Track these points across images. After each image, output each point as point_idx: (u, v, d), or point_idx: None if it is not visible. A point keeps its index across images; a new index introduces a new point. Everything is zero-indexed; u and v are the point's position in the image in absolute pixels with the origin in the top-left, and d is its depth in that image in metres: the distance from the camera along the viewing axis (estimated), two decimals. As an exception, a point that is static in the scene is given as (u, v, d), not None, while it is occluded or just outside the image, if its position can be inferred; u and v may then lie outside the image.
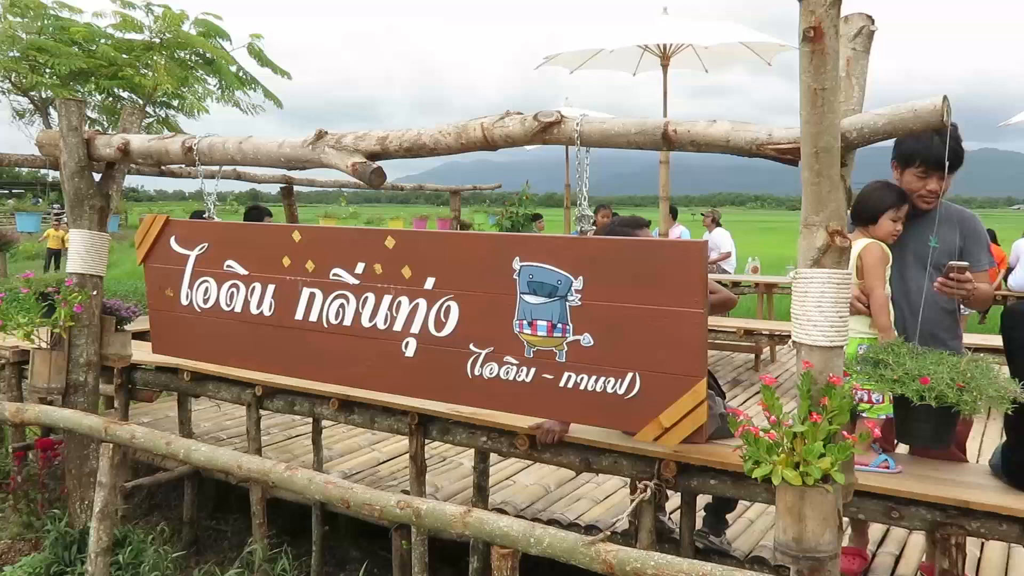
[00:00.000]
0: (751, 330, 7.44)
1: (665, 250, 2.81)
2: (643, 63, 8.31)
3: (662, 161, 7.24)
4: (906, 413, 2.64)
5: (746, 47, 7.76)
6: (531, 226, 9.61)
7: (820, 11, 2.15)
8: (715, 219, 10.90)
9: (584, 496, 4.54)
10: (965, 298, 2.94)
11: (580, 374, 2.91)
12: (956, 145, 2.91)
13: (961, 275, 2.84)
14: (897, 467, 3.02)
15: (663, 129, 2.64)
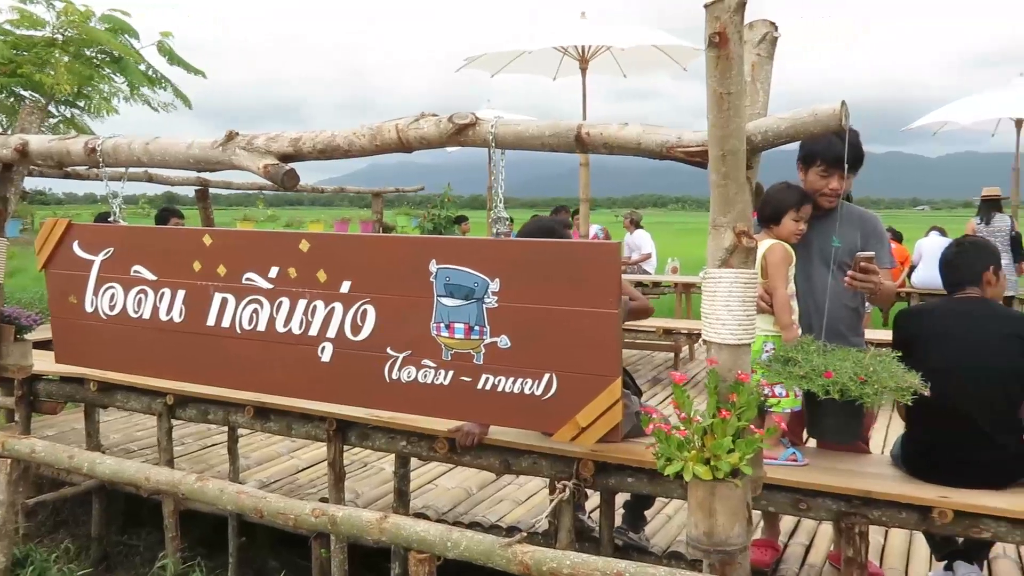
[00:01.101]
0: (670, 329, 7.59)
1: (580, 252, 2.84)
2: (563, 67, 8.40)
3: (582, 163, 7.32)
4: (815, 409, 2.73)
5: (662, 51, 7.92)
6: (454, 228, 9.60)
7: (724, 17, 2.21)
8: (635, 221, 11.09)
9: (506, 498, 4.55)
10: (872, 292, 3.05)
11: (498, 376, 2.91)
12: (855, 146, 3.04)
13: (868, 266, 2.95)
14: (804, 460, 3.12)
15: (576, 131, 2.67)
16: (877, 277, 2.98)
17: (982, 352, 2.87)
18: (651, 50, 7.96)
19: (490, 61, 8.37)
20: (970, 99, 10.26)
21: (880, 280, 3.00)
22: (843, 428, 2.70)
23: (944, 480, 2.89)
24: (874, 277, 2.97)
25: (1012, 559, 3.73)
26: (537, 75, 8.88)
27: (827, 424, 2.69)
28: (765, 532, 3.73)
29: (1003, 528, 2.76)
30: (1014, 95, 9.68)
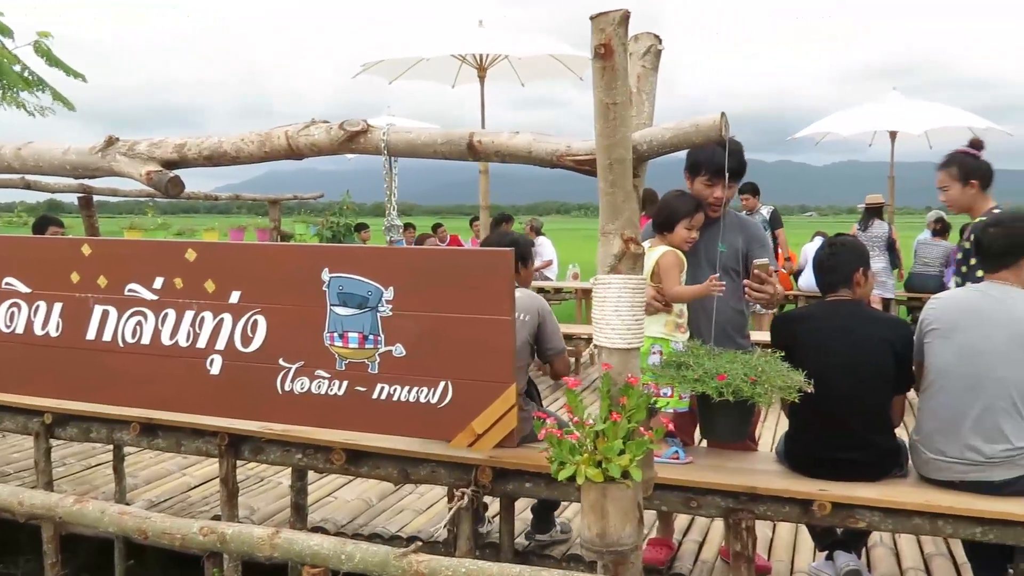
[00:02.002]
0: (570, 334, 7.68)
1: (474, 259, 2.86)
2: (461, 75, 8.42)
3: (482, 171, 7.36)
4: (708, 411, 2.82)
5: (559, 61, 8.04)
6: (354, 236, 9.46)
7: (609, 29, 2.26)
8: (536, 228, 11.21)
9: (407, 507, 4.51)
10: (767, 302, 3.17)
11: (393, 385, 2.89)
12: (738, 156, 3.16)
13: (762, 275, 3.06)
14: (687, 458, 3.23)
15: (468, 139, 2.68)
16: (772, 287, 3.11)
17: (855, 355, 3.02)
18: (548, 59, 8.07)
19: (387, 68, 8.31)
20: (849, 111, 10.83)
21: (775, 289, 3.13)
22: (736, 428, 2.80)
23: (823, 475, 3.03)
24: (768, 288, 3.10)
25: (888, 547, 3.94)
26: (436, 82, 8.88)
27: (721, 425, 2.79)
28: (660, 531, 3.83)
29: (876, 517, 2.91)
30: (888, 108, 10.27)
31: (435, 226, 13.21)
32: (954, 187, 3.68)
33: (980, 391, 2.84)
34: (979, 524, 2.81)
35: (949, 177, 3.71)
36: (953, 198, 3.71)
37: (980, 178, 3.66)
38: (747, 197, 8.88)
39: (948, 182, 3.71)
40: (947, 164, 3.74)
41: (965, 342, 2.89)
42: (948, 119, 10.26)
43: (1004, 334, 2.83)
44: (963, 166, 3.69)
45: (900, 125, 10.11)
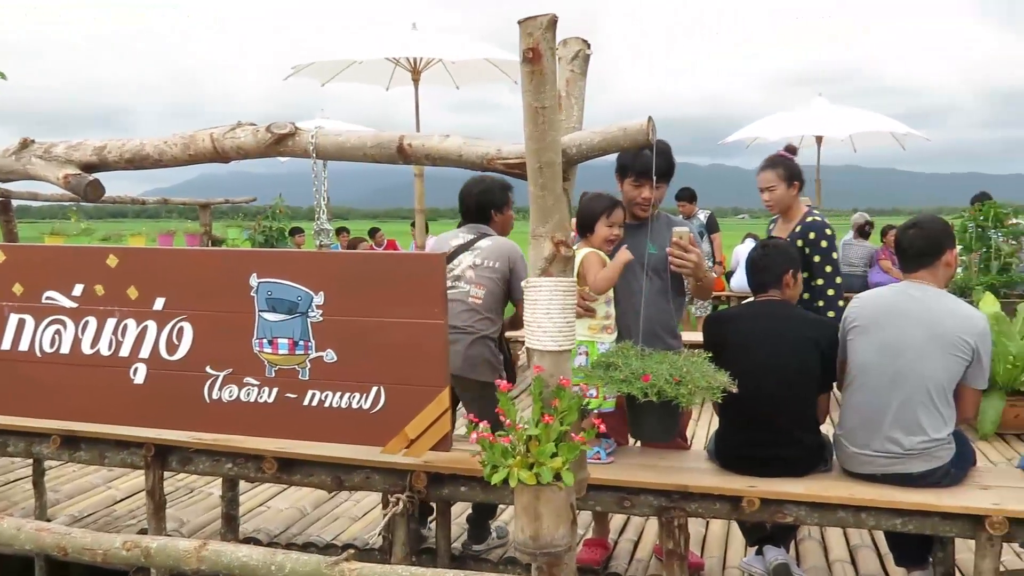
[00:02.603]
0: (509, 338, 7.68)
1: (405, 263, 2.84)
2: (395, 77, 8.36)
3: (417, 174, 7.32)
4: (635, 411, 2.85)
5: (494, 65, 8.05)
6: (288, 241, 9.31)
7: (537, 34, 2.27)
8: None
9: (343, 515, 4.46)
10: (692, 273, 3.18)
11: (324, 391, 2.86)
12: (665, 157, 3.21)
13: (683, 243, 3.09)
14: (609, 458, 3.27)
15: (398, 143, 2.66)
16: (695, 255, 3.12)
17: (782, 354, 3.10)
18: (483, 63, 8.07)
19: (319, 69, 8.20)
20: (777, 116, 11.11)
21: (700, 259, 3.15)
22: (662, 428, 2.83)
23: (752, 472, 3.10)
24: (692, 256, 3.12)
25: (816, 540, 4.04)
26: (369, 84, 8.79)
27: (647, 425, 2.82)
28: (595, 531, 3.86)
29: (803, 512, 2.99)
30: (814, 113, 10.57)
31: (372, 230, 13.10)
32: (780, 187, 3.82)
33: (899, 386, 2.94)
34: (899, 515, 2.91)
35: (776, 177, 3.84)
36: (777, 198, 3.84)
37: (801, 181, 3.86)
38: (684, 203, 9.03)
39: (775, 182, 3.84)
40: (773, 165, 3.86)
41: (885, 339, 2.99)
42: (871, 124, 10.62)
43: (921, 331, 2.94)
44: (788, 168, 3.83)
45: (825, 130, 10.42)
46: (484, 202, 3.77)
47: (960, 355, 2.90)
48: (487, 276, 3.57)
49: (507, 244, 3.66)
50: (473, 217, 3.80)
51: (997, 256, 6.71)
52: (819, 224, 3.84)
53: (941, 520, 2.88)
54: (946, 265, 3.06)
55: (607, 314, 3.24)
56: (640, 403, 2.72)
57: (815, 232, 3.81)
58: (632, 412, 2.85)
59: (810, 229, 3.81)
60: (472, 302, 3.55)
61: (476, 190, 3.78)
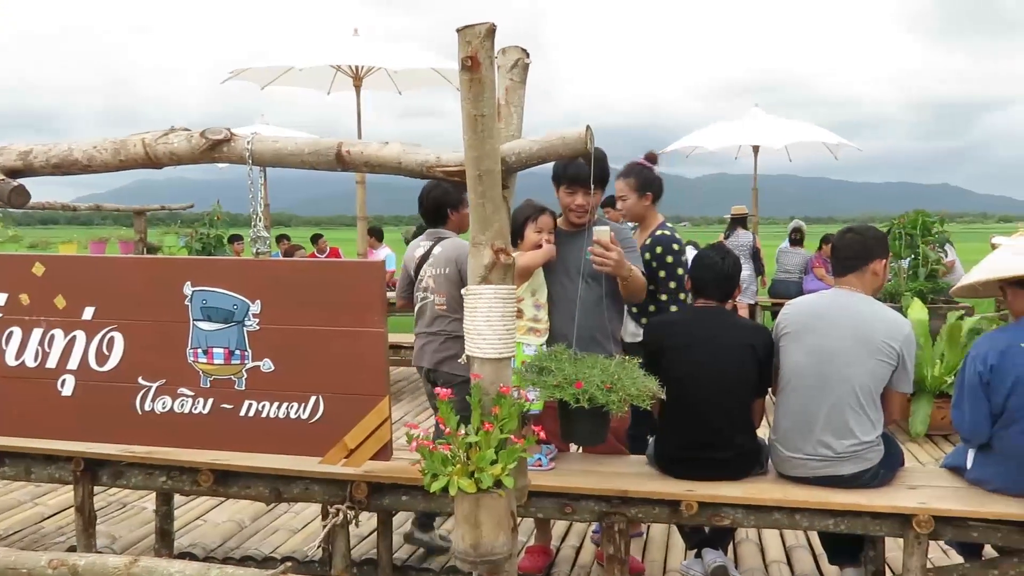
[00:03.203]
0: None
1: (343, 271, 2.81)
2: (337, 82, 8.28)
3: (358, 181, 7.26)
4: (567, 415, 2.85)
5: (437, 72, 8.04)
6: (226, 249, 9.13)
7: (476, 42, 2.28)
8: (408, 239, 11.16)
9: (282, 527, 4.38)
10: (614, 271, 3.16)
11: (262, 401, 2.80)
12: (600, 165, 3.24)
13: (602, 240, 3.08)
14: (550, 464, 3.29)
15: (336, 149, 2.63)
16: (615, 254, 3.11)
17: (720, 359, 3.15)
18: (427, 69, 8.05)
19: (259, 73, 8.08)
20: (715, 126, 11.33)
21: (621, 258, 3.12)
22: (593, 433, 2.85)
23: (691, 476, 3.15)
24: (612, 254, 3.10)
25: (754, 542, 4.12)
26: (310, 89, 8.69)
27: (578, 430, 2.83)
28: (537, 538, 3.87)
29: (740, 514, 3.05)
30: (751, 124, 10.81)
31: (315, 237, 12.92)
32: (631, 197, 3.83)
33: (829, 390, 3.02)
34: (832, 516, 2.99)
35: (628, 187, 3.85)
36: (629, 207, 3.86)
37: (654, 192, 3.85)
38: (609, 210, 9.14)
39: (626, 192, 3.85)
40: (626, 175, 3.86)
41: (815, 344, 3.07)
42: (805, 135, 10.90)
43: (849, 336, 3.02)
44: (640, 178, 3.82)
45: (762, 140, 10.66)
46: (441, 202, 3.86)
47: (886, 360, 3.00)
48: (443, 282, 3.64)
49: (454, 247, 3.71)
50: (431, 219, 3.91)
51: (924, 263, 6.95)
52: (667, 238, 3.78)
53: (871, 520, 2.96)
54: (874, 273, 3.16)
55: (535, 316, 3.26)
56: (571, 408, 2.72)
57: (662, 246, 3.76)
58: (563, 416, 2.85)
59: (658, 243, 3.77)
60: (438, 310, 3.65)
61: (433, 192, 3.86)
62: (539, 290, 3.39)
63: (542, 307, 3.35)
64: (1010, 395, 2.85)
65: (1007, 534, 2.88)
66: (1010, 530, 2.87)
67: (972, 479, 3.07)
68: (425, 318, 3.70)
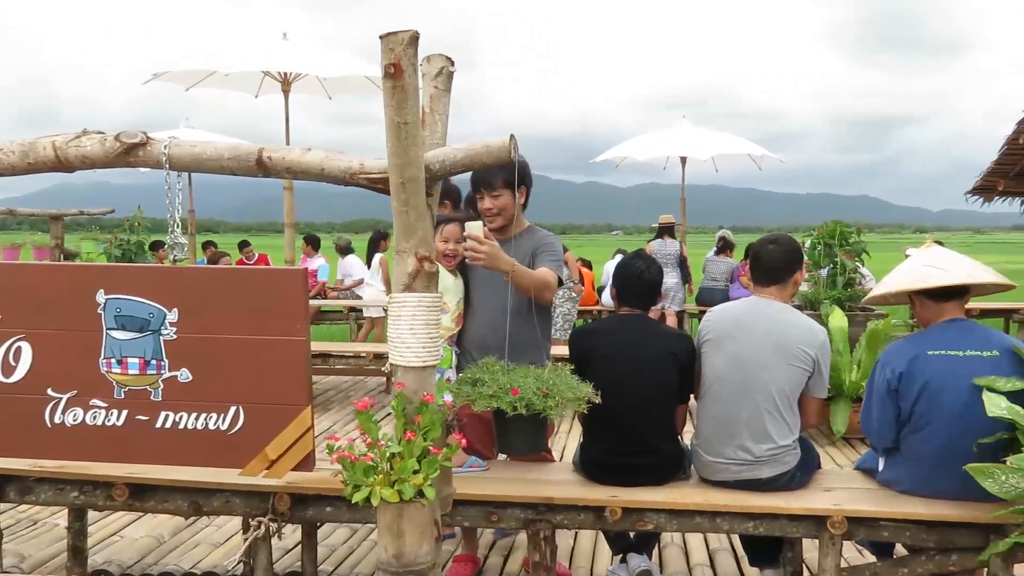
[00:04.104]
0: (380, 354, 7.58)
1: (265, 278, 2.76)
2: (265, 86, 8.14)
3: (286, 187, 7.15)
4: (503, 425, 2.86)
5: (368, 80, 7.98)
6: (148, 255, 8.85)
7: (398, 49, 2.27)
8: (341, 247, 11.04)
9: (203, 541, 4.26)
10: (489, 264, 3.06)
11: (179, 412, 2.73)
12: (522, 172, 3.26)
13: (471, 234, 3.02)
14: (486, 465, 3.33)
15: (257, 155, 2.59)
16: (487, 247, 3.01)
17: (643, 367, 3.20)
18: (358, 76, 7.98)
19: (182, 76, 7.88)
20: (644, 137, 11.54)
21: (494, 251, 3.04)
22: (530, 441, 2.86)
23: (615, 482, 3.18)
24: (484, 247, 3.00)
25: (679, 546, 4.18)
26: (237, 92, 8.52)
27: (516, 439, 2.84)
28: (464, 547, 3.85)
29: (663, 519, 3.09)
30: (679, 135, 11.04)
31: (242, 244, 12.65)
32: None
33: (748, 396, 3.10)
34: (751, 519, 3.05)
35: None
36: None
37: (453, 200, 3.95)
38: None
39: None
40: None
41: (735, 351, 3.14)
42: (731, 146, 11.19)
43: (768, 343, 3.10)
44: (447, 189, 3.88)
45: (689, 151, 10.89)
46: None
47: (802, 366, 3.09)
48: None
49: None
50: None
51: (843, 272, 7.18)
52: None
53: (789, 522, 3.04)
54: (795, 283, 3.27)
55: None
56: (508, 417, 2.73)
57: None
58: (500, 427, 2.86)
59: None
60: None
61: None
62: (446, 294, 3.41)
63: (447, 311, 3.38)
64: (917, 401, 2.96)
65: (915, 533, 2.99)
66: (918, 529, 2.98)
67: (883, 481, 3.18)
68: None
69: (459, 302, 3.50)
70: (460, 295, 3.51)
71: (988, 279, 3.07)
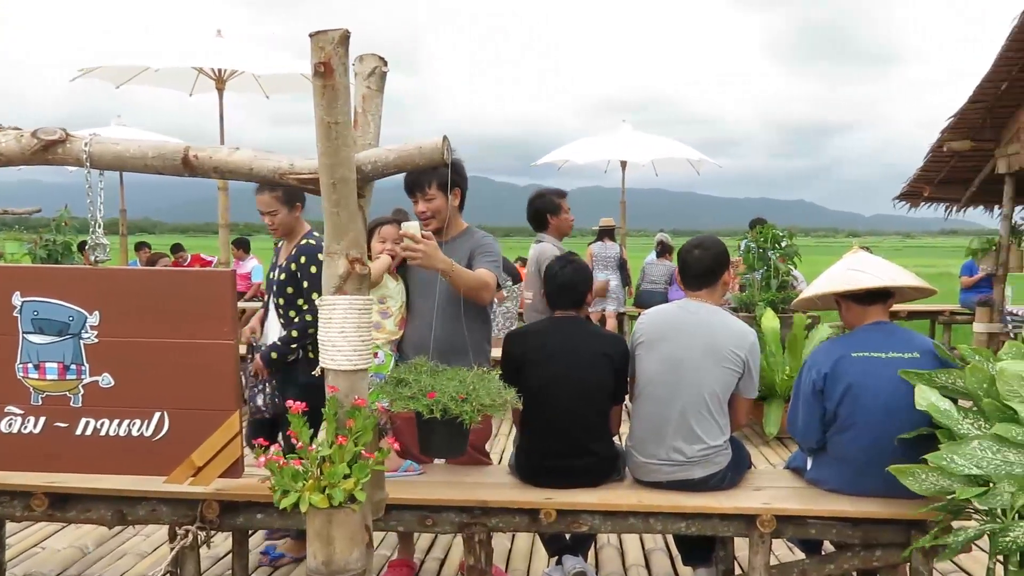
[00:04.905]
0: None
1: (191, 281, 2.69)
2: (199, 84, 7.95)
3: (221, 188, 6.99)
4: (423, 427, 2.82)
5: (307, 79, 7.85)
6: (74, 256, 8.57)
7: (329, 48, 2.24)
8: (243, 246, 10.89)
9: (130, 551, 4.14)
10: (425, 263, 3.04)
11: (100, 419, 2.66)
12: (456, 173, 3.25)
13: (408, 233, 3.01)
14: (421, 469, 3.31)
15: (183, 154, 2.52)
16: (423, 246, 3.00)
17: (578, 369, 3.21)
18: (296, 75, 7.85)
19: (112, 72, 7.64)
20: (585, 141, 11.62)
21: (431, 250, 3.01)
22: (449, 445, 2.82)
23: (551, 484, 3.18)
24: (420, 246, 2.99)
25: (615, 547, 4.22)
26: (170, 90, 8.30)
27: (435, 441, 2.81)
28: (401, 552, 3.81)
29: (597, 520, 3.10)
30: (619, 139, 11.15)
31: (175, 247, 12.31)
32: (282, 211, 3.70)
33: (679, 397, 3.13)
34: (684, 519, 3.09)
35: (276, 201, 3.68)
36: (279, 221, 3.73)
37: (302, 201, 3.78)
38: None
39: (275, 206, 3.70)
40: (272, 188, 3.62)
41: (667, 352, 3.17)
42: (670, 151, 11.33)
43: (699, 345, 3.14)
44: (288, 190, 3.64)
45: (629, 155, 11.01)
46: (541, 210, 4.78)
47: (732, 367, 3.14)
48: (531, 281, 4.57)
49: (536, 250, 4.63)
50: (534, 224, 4.83)
51: (775, 275, 7.34)
52: (312, 248, 3.69)
53: (720, 521, 3.08)
54: (724, 284, 3.32)
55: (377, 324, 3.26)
56: (426, 420, 2.70)
57: (306, 256, 3.67)
58: (421, 429, 2.82)
59: (303, 252, 3.69)
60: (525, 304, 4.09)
61: (535, 201, 4.80)
62: (388, 298, 3.38)
63: (389, 315, 3.34)
64: (841, 402, 3.04)
65: (841, 530, 3.06)
66: (844, 526, 3.05)
67: (811, 479, 3.25)
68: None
69: (401, 306, 3.46)
70: (402, 299, 3.47)
71: (910, 283, 3.17)
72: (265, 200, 3.67)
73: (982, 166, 7.61)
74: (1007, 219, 7.33)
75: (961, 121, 7.18)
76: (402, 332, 3.46)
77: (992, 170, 7.37)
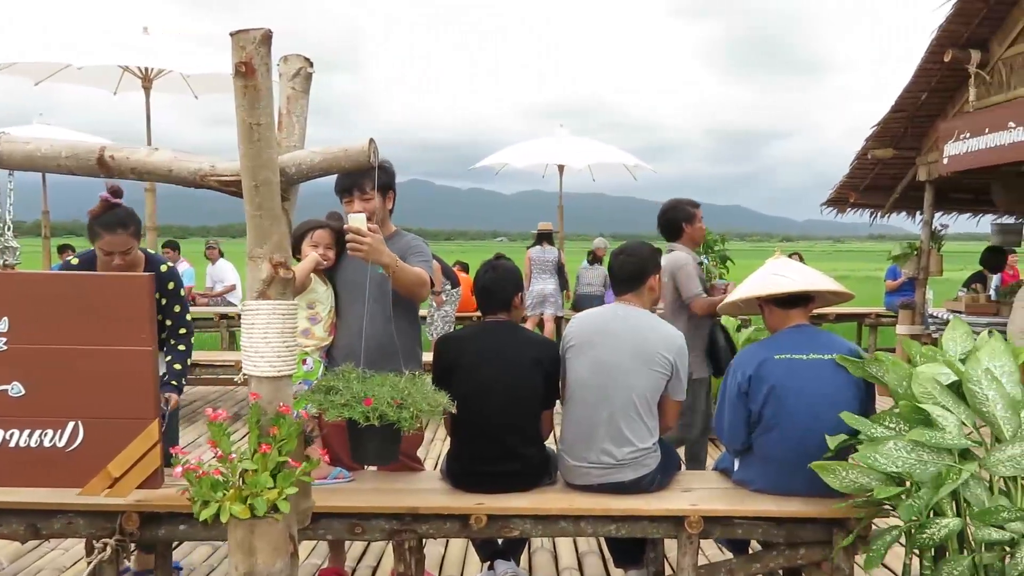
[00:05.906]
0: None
1: (107, 284, 2.60)
2: (124, 83, 7.71)
3: (147, 189, 6.80)
4: (356, 435, 2.79)
5: (237, 78, 7.69)
6: None
7: (250, 48, 2.19)
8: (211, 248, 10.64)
9: (47, 566, 3.98)
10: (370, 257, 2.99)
11: (10, 429, 2.55)
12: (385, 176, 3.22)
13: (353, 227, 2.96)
14: (351, 476, 3.27)
15: (98, 154, 2.44)
16: (370, 239, 2.95)
17: (509, 374, 3.20)
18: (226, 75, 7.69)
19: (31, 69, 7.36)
20: (523, 145, 11.65)
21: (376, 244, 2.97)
22: (383, 452, 2.80)
23: (482, 489, 3.17)
24: (367, 239, 2.94)
25: (548, 551, 4.22)
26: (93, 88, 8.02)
27: (368, 449, 2.77)
28: (331, 561, 3.75)
29: (528, 525, 3.10)
30: (557, 144, 11.21)
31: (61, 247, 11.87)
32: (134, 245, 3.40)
33: (609, 400, 3.15)
34: (614, 521, 3.11)
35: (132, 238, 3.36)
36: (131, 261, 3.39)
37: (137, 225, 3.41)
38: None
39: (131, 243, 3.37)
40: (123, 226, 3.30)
41: (596, 356, 3.19)
42: (606, 156, 11.44)
43: (628, 348, 3.17)
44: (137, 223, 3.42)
45: (566, 160, 11.07)
46: (672, 219, 4.75)
47: (661, 370, 3.17)
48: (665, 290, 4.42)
49: (668, 260, 4.47)
50: (667, 234, 4.81)
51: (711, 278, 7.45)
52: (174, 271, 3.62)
53: (649, 523, 3.11)
54: (650, 288, 3.35)
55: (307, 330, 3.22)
56: (361, 427, 2.66)
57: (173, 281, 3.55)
58: (353, 437, 2.78)
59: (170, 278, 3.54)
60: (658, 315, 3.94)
61: (667, 211, 4.76)
62: (317, 303, 3.32)
63: (319, 320, 3.29)
64: (765, 404, 3.10)
65: (767, 529, 3.11)
66: (769, 526, 3.11)
67: (738, 480, 3.31)
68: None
69: (331, 311, 3.40)
70: (331, 304, 3.41)
71: (829, 287, 3.26)
72: (122, 239, 3.29)
73: (904, 173, 7.87)
74: (927, 225, 7.58)
75: (884, 130, 7.41)
76: (332, 338, 3.40)
77: (913, 177, 7.62)
